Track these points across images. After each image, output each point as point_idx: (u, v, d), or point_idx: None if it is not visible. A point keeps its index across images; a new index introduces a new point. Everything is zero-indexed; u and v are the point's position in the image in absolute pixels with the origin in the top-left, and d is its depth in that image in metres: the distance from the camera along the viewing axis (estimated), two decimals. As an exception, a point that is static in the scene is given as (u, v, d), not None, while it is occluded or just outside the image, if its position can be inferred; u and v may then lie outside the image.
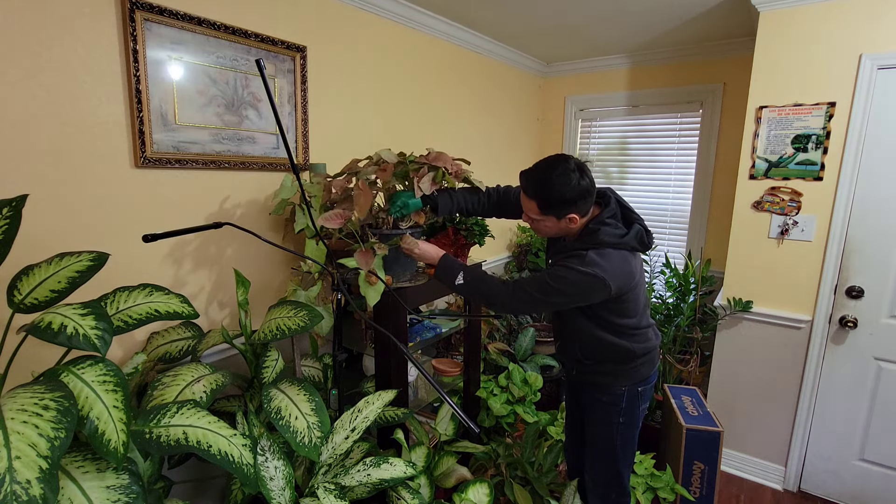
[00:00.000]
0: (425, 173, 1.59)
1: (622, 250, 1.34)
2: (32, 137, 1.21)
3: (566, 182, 1.28)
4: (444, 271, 1.49)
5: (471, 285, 1.45)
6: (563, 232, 1.42)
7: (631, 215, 1.42)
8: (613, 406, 1.52)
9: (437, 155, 1.61)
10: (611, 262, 1.30)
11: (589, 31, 2.60)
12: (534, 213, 1.38)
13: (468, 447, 1.85)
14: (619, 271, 1.31)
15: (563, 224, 1.37)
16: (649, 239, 1.40)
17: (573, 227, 1.38)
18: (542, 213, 1.36)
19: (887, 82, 1.88)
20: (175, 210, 1.52)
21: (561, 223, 1.37)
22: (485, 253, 3.00)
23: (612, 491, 1.60)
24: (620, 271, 1.31)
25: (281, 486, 1.18)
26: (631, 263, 1.36)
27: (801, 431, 2.22)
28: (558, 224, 1.37)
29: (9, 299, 0.99)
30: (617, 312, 1.41)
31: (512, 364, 2.32)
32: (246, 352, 1.43)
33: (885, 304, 2.00)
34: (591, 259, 1.29)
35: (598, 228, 1.34)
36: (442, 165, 1.57)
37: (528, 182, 1.35)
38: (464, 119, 2.77)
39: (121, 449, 0.86)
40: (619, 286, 1.32)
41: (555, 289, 1.31)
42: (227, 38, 1.57)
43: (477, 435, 2.05)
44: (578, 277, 1.28)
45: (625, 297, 1.38)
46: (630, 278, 1.35)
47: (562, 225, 1.38)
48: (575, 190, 1.29)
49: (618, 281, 1.30)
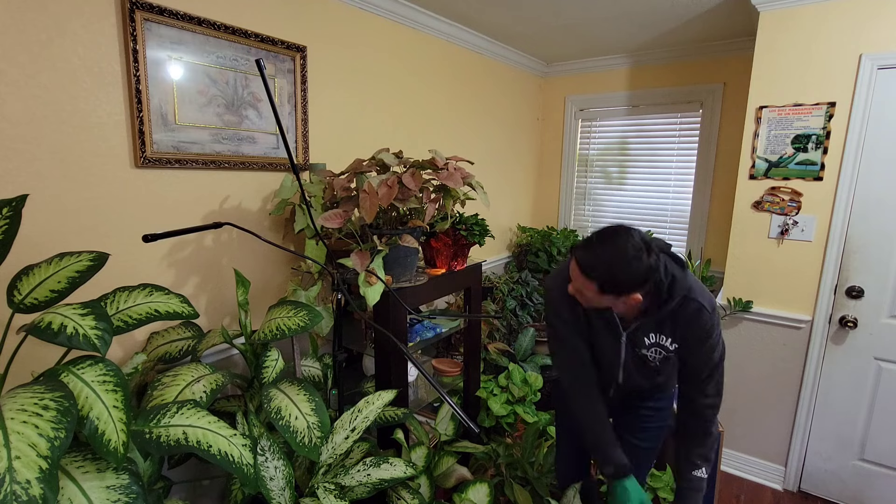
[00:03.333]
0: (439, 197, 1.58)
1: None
2: (32, 137, 1.21)
3: (637, 269, 1.11)
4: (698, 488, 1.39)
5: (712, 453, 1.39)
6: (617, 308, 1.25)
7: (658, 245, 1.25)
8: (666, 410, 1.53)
9: (448, 174, 1.55)
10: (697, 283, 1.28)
11: (589, 31, 2.60)
12: (590, 292, 1.18)
13: (468, 447, 1.85)
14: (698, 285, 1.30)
15: (620, 303, 1.20)
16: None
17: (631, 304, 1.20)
18: (602, 293, 1.17)
19: (887, 82, 1.88)
20: (175, 210, 1.52)
21: (618, 302, 1.19)
22: (485, 253, 3.00)
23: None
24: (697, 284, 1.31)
25: (281, 486, 1.18)
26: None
27: (801, 431, 2.22)
28: (615, 301, 1.19)
29: (9, 299, 0.99)
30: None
31: (512, 364, 2.32)
32: (246, 352, 1.43)
33: (885, 304, 2.00)
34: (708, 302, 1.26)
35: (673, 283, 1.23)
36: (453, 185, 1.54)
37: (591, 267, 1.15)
38: (464, 119, 2.77)
39: (121, 449, 0.86)
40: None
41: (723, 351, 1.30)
42: (227, 38, 1.57)
43: (477, 435, 2.05)
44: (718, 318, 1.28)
45: None
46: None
47: (619, 303, 1.20)
48: (646, 275, 1.12)
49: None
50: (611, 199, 3.33)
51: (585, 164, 3.42)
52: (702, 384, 1.32)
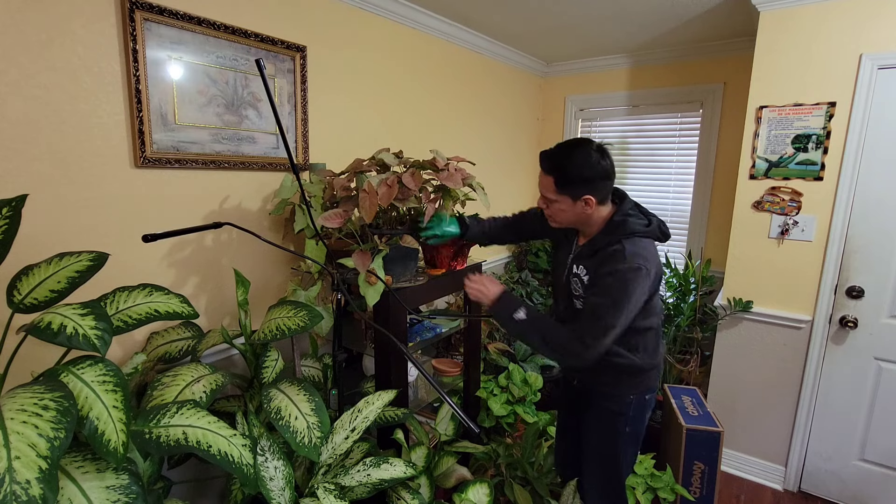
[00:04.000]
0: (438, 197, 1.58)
1: (650, 238, 1.35)
2: (32, 137, 1.21)
3: (587, 159, 1.27)
4: (504, 304, 1.39)
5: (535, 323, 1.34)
6: (578, 219, 1.37)
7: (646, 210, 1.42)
8: (621, 416, 1.47)
9: (448, 175, 1.55)
10: (646, 249, 1.29)
11: (589, 31, 2.60)
12: (549, 191, 1.34)
13: (468, 447, 1.85)
14: (653, 257, 1.31)
15: (578, 208, 1.33)
16: (667, 229, 1.41)
17: (588, 212, 1.33)
18: (559, 190, 1.32)
19: (887, 82, 1.88)
20: (175, 210, 1.52)
21: (576, 206, 1.33)
22: (485, 253, 3.00)
23: (612, 492, 1.58)
24: (654, 257, 1.31)
25: (281, 487, 1.18)
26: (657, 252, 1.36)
27: (802, 431, 2.22)
28: (573, 207, 1.33)
29: (8, 299, 0.99)
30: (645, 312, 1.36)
31: (512, 364, 2.32)
32: (246, 352, 1.43)
33: (885, 304, 2.00)
34: (630, 252, 1.27)
35: (625, 220, 1.33)
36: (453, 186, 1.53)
37: (548, 158, 1.33)
38: (464, 119, 2.77)
39: (120, 449, 0.86)
40: (657, 272, 1.31)
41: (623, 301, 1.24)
42: (227, 38, 1.57)
43: (477, 435, 2.04)
44: (632, 276, 1.24)
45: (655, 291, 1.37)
46: (661, 266, 1.35)
47: (577, 209, 1.33)
48: (594, 169, 1.27)
49: (654, 268, 1.29)
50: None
51: (585, 164, 3.41)
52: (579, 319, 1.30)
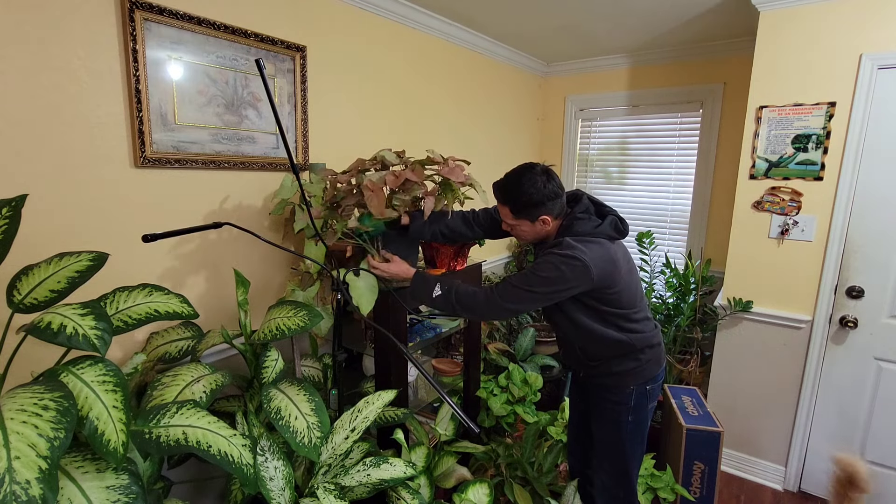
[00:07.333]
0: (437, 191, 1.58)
1: (599, 238, 1.40)
2: (32, 137, 1.21)
3: (532, 185, 1.37)
4: (419, 285, 1.49)
5: (450, 295, 1.44)
6: (540, 235, 1.48)
7: (603, 209, 1.49)
8: (622, 406, 1.52)
9: (450, 169, 1.57)
10: (589, 248, 1.34)
11: (589, 31, 2.60)
12: (508, 217, 1.46)
13: (468, 447, 1.85)
14: (598, 257, 1.35)
15: (537, 227, 1.44)
16: (624, 226, 1.47)
17: (547, 229, 1.45)
18: (515, 216, 1.43)
19: (887, 82, 1.88)
20: (175, 210, 1.52)
21: (535, 226, 1.44)
22: (485, 253, 3.00)
23: (621, 490, 1.60)
24: (600, 257, 1.35)
25: (281, 487, 1.18)
26: (610, 251, 1.40)
27: (802, 431, 2.22)
28: (533, 227, 1.45)
29: (8, 299, 0.99)
30: (610, 302, 1.43)
31: (512, 364, 2.32)
32: (246, 352, 1.42)
33: (885, 304, 2.00)
34: (568, 243, 1.34)
35: (572, 223, 1.42)
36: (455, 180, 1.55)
37: (499, 190, 1.44)
38: (464, 119, 2.77)
39: (120, 449, 0.86)
40: (601, 270, 1.35)
41: (540, 278, 1.34)
42: (227, 38, 1.57)
43: (477, 435, 2.05)
44: (559, 260, 1.32)
45: (614, 284, 1.40)
46: (611, 264, 1.39)
47: (537, 228, 1.45)
48: (541, 192, 1.37)
49: (599, 265, 1.33)
50: (611, 198, 3.32)
51: (585, 164, 3.42)
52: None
